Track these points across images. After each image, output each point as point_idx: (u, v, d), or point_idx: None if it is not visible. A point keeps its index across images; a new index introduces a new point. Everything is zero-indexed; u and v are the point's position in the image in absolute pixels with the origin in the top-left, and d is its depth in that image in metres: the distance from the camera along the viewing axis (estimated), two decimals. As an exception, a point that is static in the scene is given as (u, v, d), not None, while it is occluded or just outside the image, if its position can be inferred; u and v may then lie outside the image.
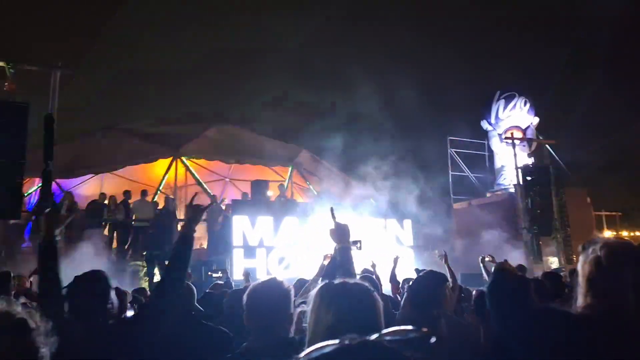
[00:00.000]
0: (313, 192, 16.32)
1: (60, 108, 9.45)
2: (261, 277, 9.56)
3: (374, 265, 6.52)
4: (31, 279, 6.68)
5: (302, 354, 0.88)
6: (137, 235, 12.43)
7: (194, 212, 2.73)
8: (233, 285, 6.95)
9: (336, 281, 1.66)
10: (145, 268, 11.40)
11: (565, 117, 29.82)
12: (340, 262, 2.65)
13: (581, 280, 1.92)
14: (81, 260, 8.01)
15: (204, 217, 3.10)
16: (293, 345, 2.01)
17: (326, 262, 4.59)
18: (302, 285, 6.34)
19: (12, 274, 5.39)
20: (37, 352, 1.12)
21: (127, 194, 12.84)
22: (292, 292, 2.28)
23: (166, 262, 2.62)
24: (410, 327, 0.92)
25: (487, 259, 5.97)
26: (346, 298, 1.56)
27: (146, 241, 11.91)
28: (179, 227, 2.80)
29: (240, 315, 2.28)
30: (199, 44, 39.29)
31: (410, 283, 3.58)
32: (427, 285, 3.25)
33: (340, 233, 2.72)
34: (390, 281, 7.00)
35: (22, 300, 4.73)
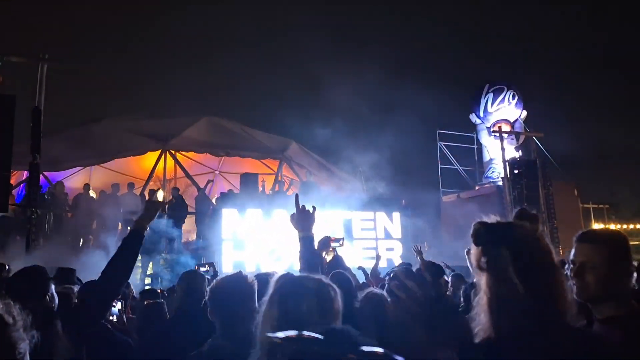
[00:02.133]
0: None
1: (48, 100, 9.41)
2: (251, 269, 9.64)
3: (360, 268, 6.77)
4: None
5: (282, 335, 0.90)
6: (124, 228, 12.38)
7: (149, 210, 2.60)
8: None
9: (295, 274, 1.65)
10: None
11: (553, 110, 30.09)
12: (301, 252, 2.59)
13: (594, 277, 1.65)
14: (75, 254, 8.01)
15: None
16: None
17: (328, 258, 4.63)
18: (262, 280, 6.44)
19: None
20: (14, 348, 1.06)
21: (115, 186, 12.79)
22: (256, 287, 2.23)
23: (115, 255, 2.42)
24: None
25: (472, 251, 6.11)
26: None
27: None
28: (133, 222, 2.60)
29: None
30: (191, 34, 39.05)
31: (391, 275, 3.66)
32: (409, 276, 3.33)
33: (303, 221, 2.65)
34: (371, 276, 7.16)
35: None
